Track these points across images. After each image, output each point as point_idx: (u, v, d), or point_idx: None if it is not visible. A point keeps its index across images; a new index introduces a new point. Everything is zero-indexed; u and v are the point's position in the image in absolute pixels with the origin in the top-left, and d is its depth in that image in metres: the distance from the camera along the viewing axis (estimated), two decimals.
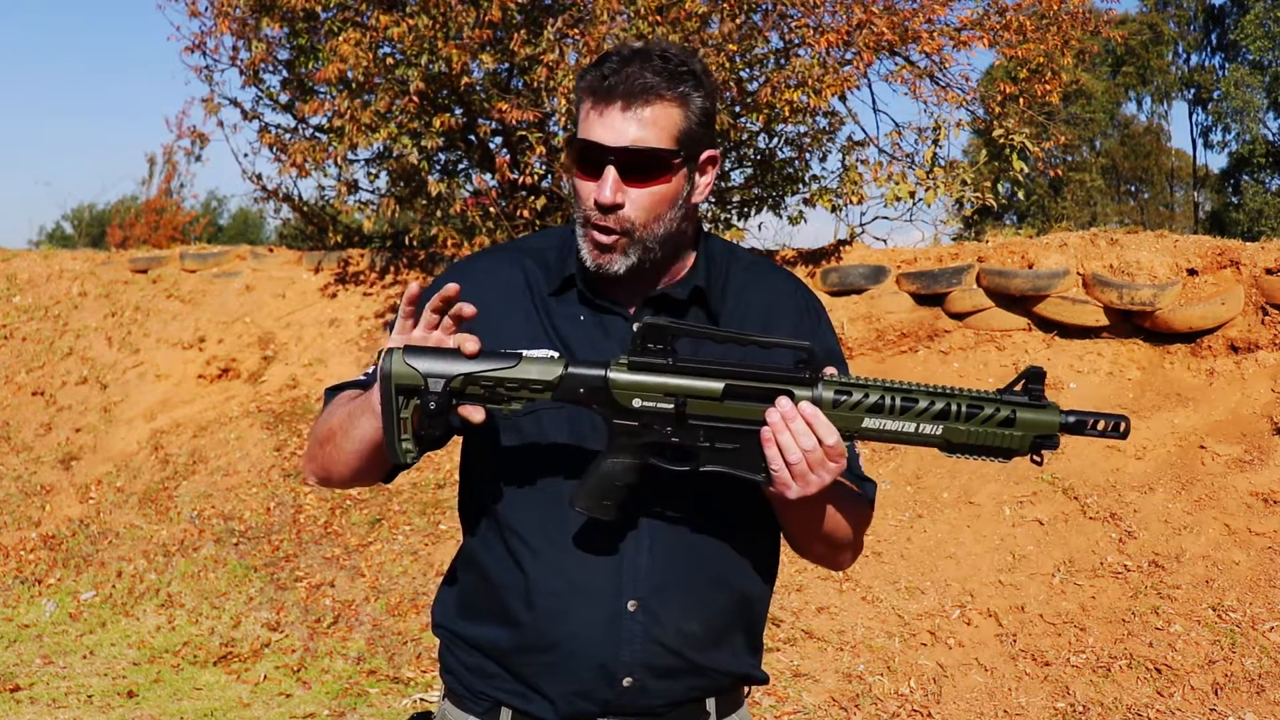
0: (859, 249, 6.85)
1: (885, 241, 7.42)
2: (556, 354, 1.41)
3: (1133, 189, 32.80)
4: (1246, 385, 5.27)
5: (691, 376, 1.38)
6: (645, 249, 1.48)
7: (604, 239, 1.47)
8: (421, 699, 4.44)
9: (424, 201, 7.17)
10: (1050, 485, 5.05)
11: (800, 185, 7.29)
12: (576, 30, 6.26)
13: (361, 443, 1.46)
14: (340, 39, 6.50)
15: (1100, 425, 1.36)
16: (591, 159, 1.45)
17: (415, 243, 7.95)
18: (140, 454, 6.86)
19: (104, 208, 17.45)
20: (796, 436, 1.35)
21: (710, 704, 1.56)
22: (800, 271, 6.55)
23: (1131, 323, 5.68)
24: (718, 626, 1.53)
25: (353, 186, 7.65)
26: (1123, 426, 1.35)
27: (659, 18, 6.08)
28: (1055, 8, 7.03)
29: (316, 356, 7.23)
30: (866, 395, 1.36)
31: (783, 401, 1.36)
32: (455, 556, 1.65)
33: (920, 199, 6.85)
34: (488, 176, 7.24)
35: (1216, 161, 42.04)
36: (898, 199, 6.76)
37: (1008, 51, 7.02)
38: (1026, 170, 7.21)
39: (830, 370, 1.40)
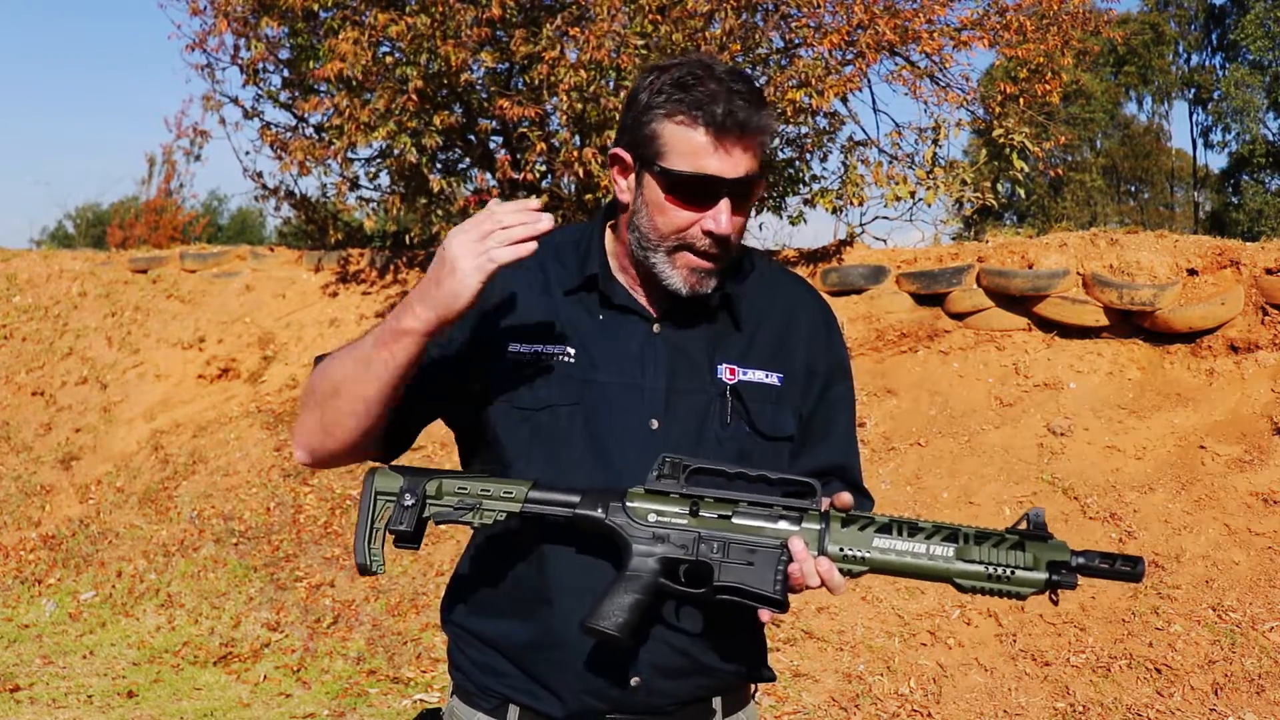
0: (859, 249, 6.84)
1: (885, 241, 7.41)
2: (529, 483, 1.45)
3: (1133, 189, 32.82)
4: (1246, 385, 5.27)
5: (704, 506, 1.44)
6: (727, 266, 1.54)
7: (707, 265, 1.50)
8: (421, 699, 4.44)
9: (424, 200, 7.17)
10: (1050, 485, 5.04)
11: (801, 186, 7.29)
12: (576, 28, 6.26)
13: (386, 369, 1.44)
14: (339, 38, 6.50)
15: (1108, 565, 1.35)
16: (707, 191, 1.46)
17: (416, 241, 7.95)
18: (140, 454, 6.85)
19: (105, 208, 17.46)
20: (807, 579, 1.41)
21: (716, 703, 1.58)
22: (800, 271, 6.54)
23: (1131, 323, 5.67)
24: (725, 626, 1.54)
25: (354, 184, 7.65)
26: (1138, 568, 1.35)
27: (660, 16, 6.07)
28: (1055, 8, 7.03)
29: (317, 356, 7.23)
30: (873, 521, 1.40)
31: (795, 544, 1.40)
32: (465, 552, 1.66)
33: (920, 199, 6.85)
34: (488, 175, 7.24)
35: (1216, 161, 42.08)
36: (898, 199, 6.76)
37: (1008, 51, 7.02)
38: (1026, 170, 7.21)
39: (841, 502, 1.44)
